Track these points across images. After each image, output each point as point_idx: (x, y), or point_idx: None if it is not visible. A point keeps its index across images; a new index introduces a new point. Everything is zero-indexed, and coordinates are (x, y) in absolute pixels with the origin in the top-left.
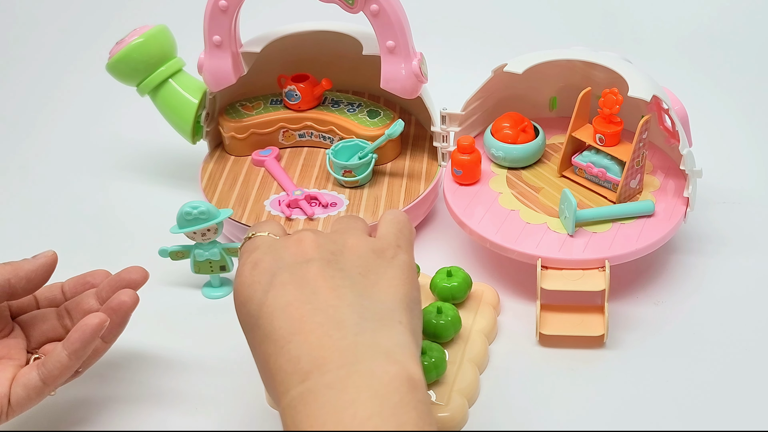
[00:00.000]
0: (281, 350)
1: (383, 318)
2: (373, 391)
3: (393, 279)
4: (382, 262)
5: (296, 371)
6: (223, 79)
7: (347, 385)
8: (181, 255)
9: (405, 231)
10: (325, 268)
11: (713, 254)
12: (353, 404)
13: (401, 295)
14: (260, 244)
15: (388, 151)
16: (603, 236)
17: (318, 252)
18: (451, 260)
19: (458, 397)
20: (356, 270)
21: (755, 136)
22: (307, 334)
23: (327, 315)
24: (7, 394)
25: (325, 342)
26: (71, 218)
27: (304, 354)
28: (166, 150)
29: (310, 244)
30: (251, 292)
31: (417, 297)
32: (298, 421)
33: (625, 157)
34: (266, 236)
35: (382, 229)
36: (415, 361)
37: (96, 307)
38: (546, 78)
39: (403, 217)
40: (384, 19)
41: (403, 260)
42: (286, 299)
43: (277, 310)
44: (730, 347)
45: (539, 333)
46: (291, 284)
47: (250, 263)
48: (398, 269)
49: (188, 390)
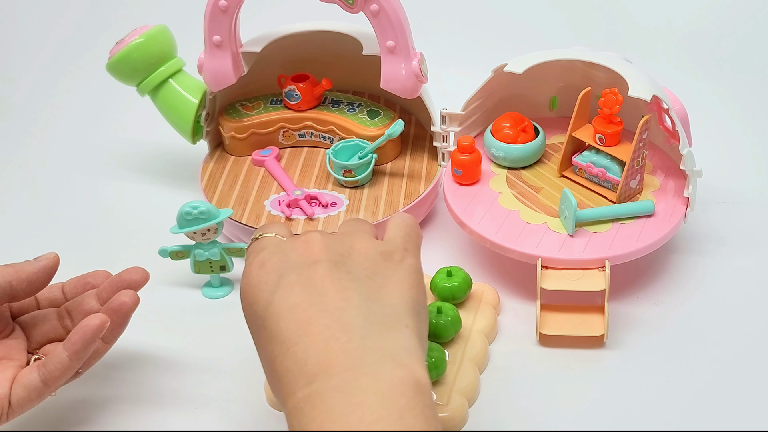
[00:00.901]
0: (288, 351)
1: (390, 321)
2: (380, 394)
3: (400, 282)
4: (390, 266)
5: (303, 373)
6: (223, 79)
7: (354, 387)
8: (181, 255)
9: (413, 235)
10: (332, 269)
11: (713, 254)
12: (360, 407)
13: (408, 298)
14: (267, 245)
15: (388, 151)
16: (603, 236)
17: (325, 253)
18: (451, 260)
19: (458, 397)
20: (364, 272)
21: (755, 136)
22: (313, 336)
23: (334, 317)
24: (8, 395)
25: (332, 344)
26: (71, 218)
27: (311, 356)
28: (166, 150)
29: (317, 246)
30: (258, 293)
31: (424, 301)
32: (305, 423)
33: (625, 157)
34: (273, 237)
35: (390, 233)
36: (422, 365)
37: (97, 307)
38: (546, 78)
39: (411, 221)
40: (384, 19)
41: (410, 264)
42: (292, 300)
43: (283, 311)
44: (730, 347)
45: (539, 333)
46: (298, 285)
47: (257, 263)
48: (405, 273)
49: (188, 390)
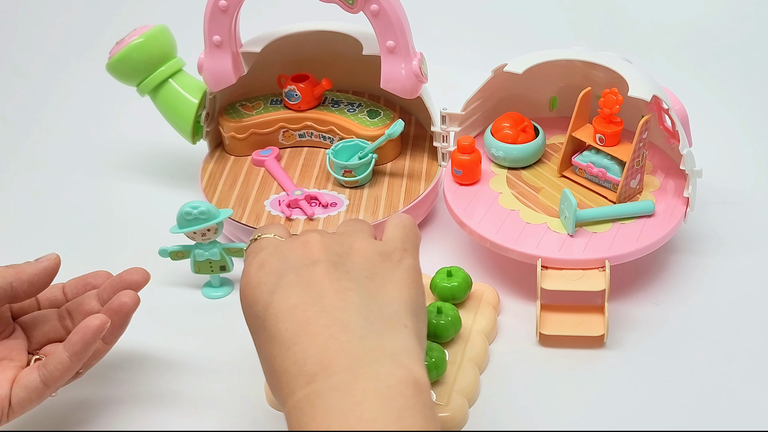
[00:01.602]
0: (287, 352)
1: (389, 321)
2: (379, 394)
3: (399, 282)
4: (389, 266)
5: (302, 373)
6: (223, 79)
7: (353, 387)
8: (181, 255)
9: (411, 235)
10: (331, 270)
11: (713, 254)
12: (359, 406)
13: (407, 298)
14: (266, 246)
15: (388, 151)
16: (603, 236)
17: (324, 254)
18: (451, 260)
19: (458, 397)
20: (362, 273)
21: (755, 136)
22: (313, 337)
23: (333, 317)
24: (8, 395)
25: (331, 344)
26: (71, 218)
27: (310, 356)
28: (166, 150)
29: (316, 246)
30: (257, 294)
31: (422, 301)
32: (304, 422)
33: (625, 157)
34: (272, 238)
35: (389, 233)
36: (421, 365)
37: (97, 308)
38: (546, 78)
39: (409, 221)
40: (384, 19)
41: (409, 264)
42: (292, 301)
43: (282, 312)
44: (730, 347)
45: (539, 333)
46: (297, 286)
47: (256, 264)
48: (404, 273)
49: (189, 390)
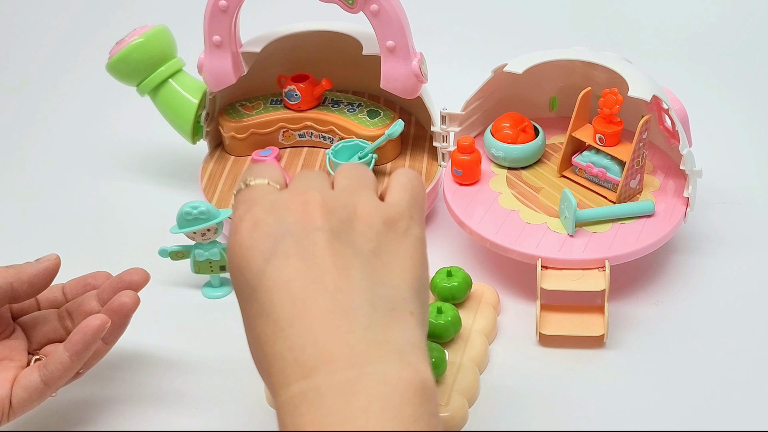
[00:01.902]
0: (281, 333)
1: (395, 308)
2: (386, 400)
3: (405, 260)
4: (395, 237)
5: (298, 363)
6: (223, 79)
7: (358, 390)
8: (181, 255)
9: (419, 199)
10: (333, 241)
11: (713, 254)
12: (364, 413)
13: (413, 279)
14: (259, 198)
15: (388, 151)
16: (603, 236)
17: (326, 219)
18: (451, 260)
19: (458, 397)
20: (367, 246)
21: (755, 136)
22: (311, 321)
23: (335, 300)
24: (9, 396)
25: (332, 333)
26: (71, 218)
27: (308, 344)
28: (166, 150)
29: (317, 209)
30: (250, 259)
31: (427, 277)
32: (300, 423)
33: (625, 157)
34: (266, 185)
35: (395, 195)
36: (426, 362)
37: (97, 308)
38: (546, 78)
39: (417, 182)
40: (384, 19)
41: (415, 236)
42: (288, 274)
43: (278, 285)
44: (729, 347)
45: (539, 333)
46: (295, 256)
47: (249, 222)
48: (410, 247)
49: (189, 390)
